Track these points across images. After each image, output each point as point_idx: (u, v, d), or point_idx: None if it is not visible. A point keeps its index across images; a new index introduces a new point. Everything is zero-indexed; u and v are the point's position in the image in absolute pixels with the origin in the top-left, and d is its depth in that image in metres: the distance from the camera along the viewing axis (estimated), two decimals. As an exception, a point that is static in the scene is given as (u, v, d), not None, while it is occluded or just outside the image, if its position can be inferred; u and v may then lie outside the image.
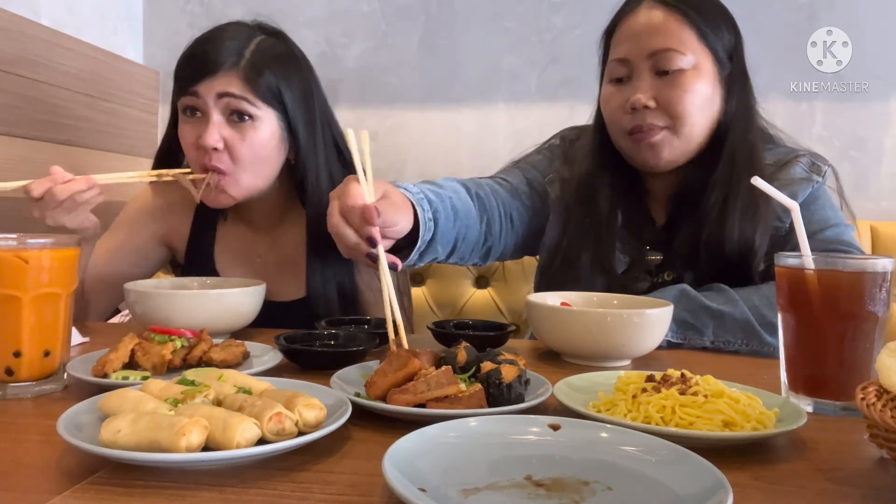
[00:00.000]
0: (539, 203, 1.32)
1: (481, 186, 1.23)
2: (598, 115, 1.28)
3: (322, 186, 1.27)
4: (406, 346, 0.80)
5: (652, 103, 1.14)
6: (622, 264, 1.23)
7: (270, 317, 1.14)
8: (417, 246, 0.98)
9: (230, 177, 1.21)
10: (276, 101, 1.22)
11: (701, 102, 1.15)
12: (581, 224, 1.25)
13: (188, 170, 1.24)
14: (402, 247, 0.98)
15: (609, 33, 1.24)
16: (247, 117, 1.19)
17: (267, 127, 1.21)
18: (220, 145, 1.19)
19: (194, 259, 1.37)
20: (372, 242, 0.86)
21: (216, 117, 1.19)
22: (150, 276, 1.43)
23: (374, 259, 0.86)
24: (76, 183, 1.09)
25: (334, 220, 0.88)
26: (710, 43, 1.15)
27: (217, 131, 1.18)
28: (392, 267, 0.86)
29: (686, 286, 1.10)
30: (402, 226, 0.93)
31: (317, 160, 1.27)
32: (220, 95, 1.18)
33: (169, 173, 1.23)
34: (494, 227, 1.21)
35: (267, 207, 1.35)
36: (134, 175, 1.20)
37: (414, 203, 0.97)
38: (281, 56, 1.26)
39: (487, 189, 1.23)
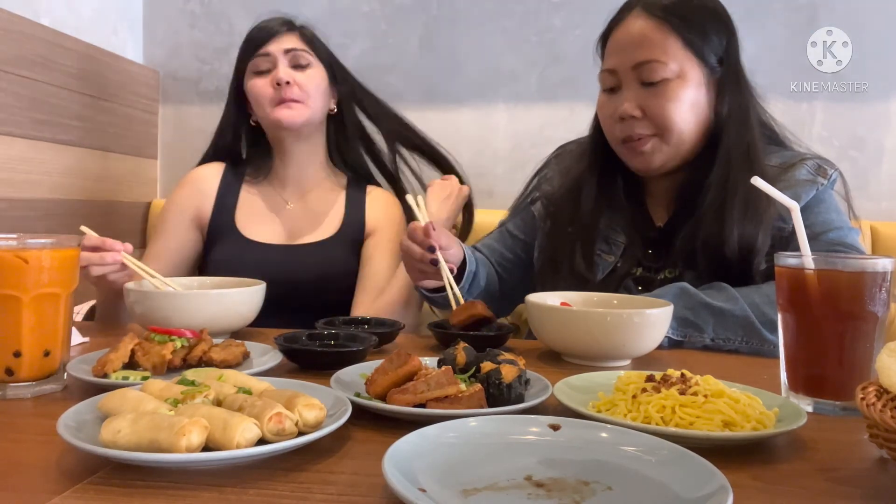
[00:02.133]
0: (522, 248, 1.42)
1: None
2: (596, 119, 1.31)
3: (358, 132, 1.68)
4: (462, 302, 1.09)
5: (638, 113, 1.18)
6: (608, 265, 1.25)
7: (291, 258, 1.47)
8: (466, 273, 1.21)
9: (301, 104, 1.51)
10: (324, 54, 1.59)
11: (687, 109, 1.17)
12: (563, 232, 1.29)
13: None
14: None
15: (603, 41, 1.27)
16: (306, 65, 1.54)
17: (319, 72, 1.56)
18: (292, 80, 1.50)
19: (217, 220, 1.56)
20: (431, 249, 1.10)
21: (284, 64, 1.52)
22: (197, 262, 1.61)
23: (436, 263, 1.11)
24: (90, 256, 1.13)
25: (404, 241, 1.15)
26: (697, 49, 1.17)
27: (287, 72, 1.51)
28: (449, 269, 1.12)
29: (685, 284, 1.10)
30: (455, 251, 1.17)
31: (353, 109, 1.66)
32: (287, 51, 1.52)
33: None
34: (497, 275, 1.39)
35: (308, 160, 1.60)
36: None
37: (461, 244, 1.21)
38: (319, 38, 1.62)
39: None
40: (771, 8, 1.86)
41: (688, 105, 1.17)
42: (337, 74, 1.61)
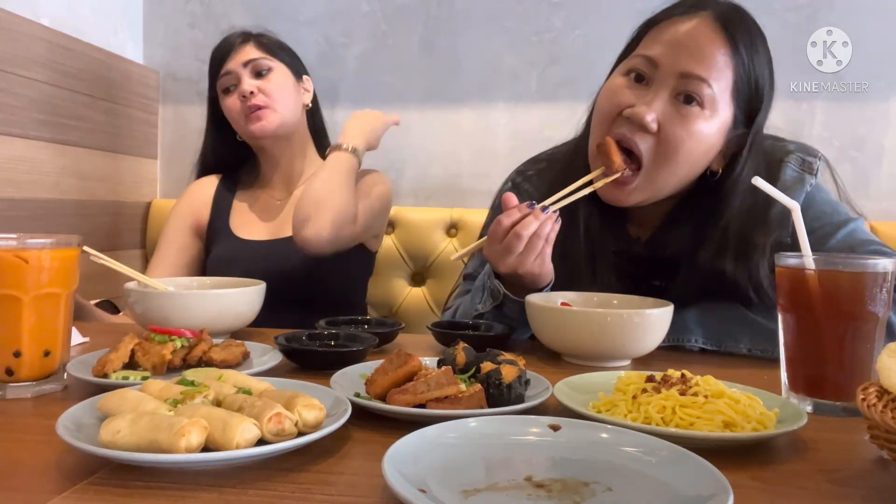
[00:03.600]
0: None
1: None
2: (585, 137, 1.18)
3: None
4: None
5: (654, 128, 1.03)
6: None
7: (279, 251, 1.53)
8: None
9: (268, 109, 1.57)
10: (283, 53, 1.65)
11: (700, 151, 1.06)
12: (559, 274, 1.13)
13: None
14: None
15: (651, 24, 1.10)
16: (267, 70, 1.60)
17: (281, 73, 1.62)
18: (255, 90, 1.57)
19: (214, 225, 1.66)
20: (532, 205, 1.03)
21: (247, 77, 1.59)
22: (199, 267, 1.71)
23: (546, 208, 1.03)
24: None
25: (509, 224, 1.01)
26: (739, 98, 1.06)
27: (250, 83, 1.58)
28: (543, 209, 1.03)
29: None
30: None
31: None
32: (246, 63, 1.59)
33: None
34: None
35: (294, 157, 1.67)
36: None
37: None
38: (279, 42, 1.69)
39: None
40: (771, 8, 1.86)
41: (704, 148, 1.05)
42: (300, 69, 1.68)
